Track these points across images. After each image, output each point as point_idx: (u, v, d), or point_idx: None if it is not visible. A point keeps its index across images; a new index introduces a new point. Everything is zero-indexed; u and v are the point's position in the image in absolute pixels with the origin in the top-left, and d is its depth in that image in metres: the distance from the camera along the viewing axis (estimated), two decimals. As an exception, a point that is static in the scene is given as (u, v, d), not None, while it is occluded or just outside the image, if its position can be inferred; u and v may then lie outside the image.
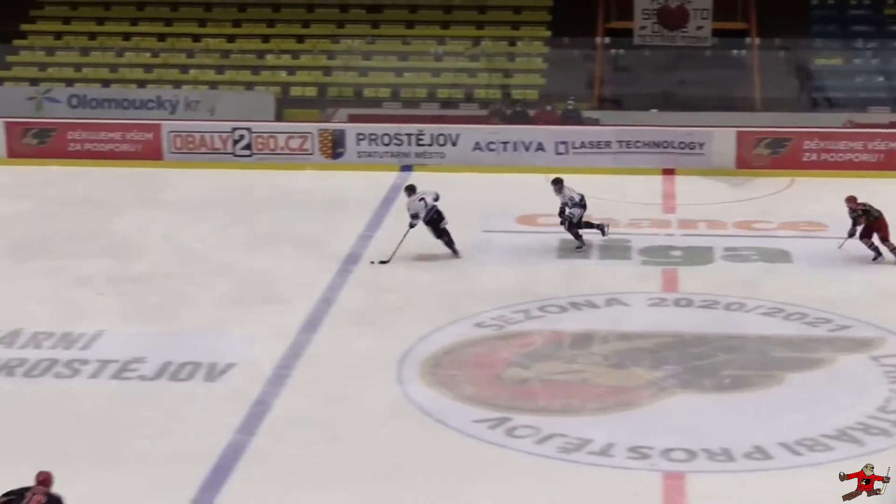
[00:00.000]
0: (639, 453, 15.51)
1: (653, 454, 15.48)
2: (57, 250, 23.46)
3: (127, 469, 15.33)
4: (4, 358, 18.63)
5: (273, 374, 18.03)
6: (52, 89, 32.35)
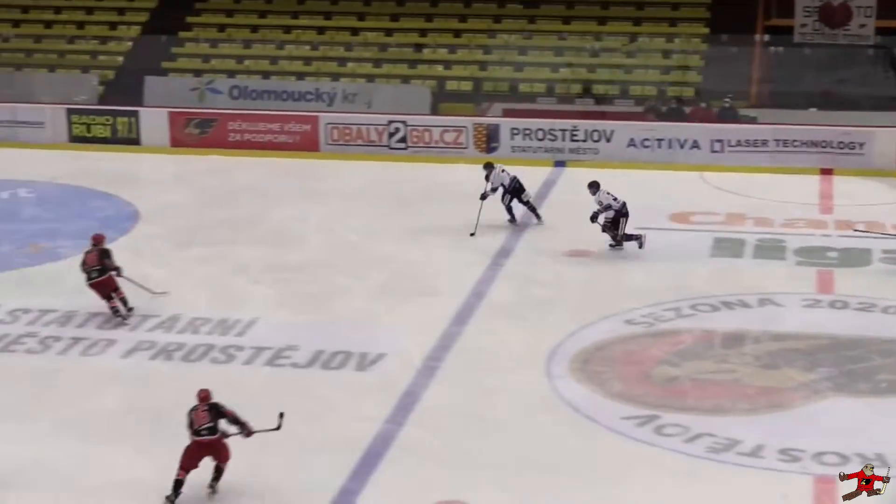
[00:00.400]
0: (789, 456, 15.23)
1: (804, 457, 15.18)
2: (216, 238, 23.89)
3: (279, 455, 15.53)
4: (163, 342, 19.04)
5: (423, 365, 18.11)
6: (215, 80, 32.94)
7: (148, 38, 34.90)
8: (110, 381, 17.82)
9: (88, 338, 19.18)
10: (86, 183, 27.59)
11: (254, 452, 15.44)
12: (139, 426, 16.42)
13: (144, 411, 16.85)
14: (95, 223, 24.75)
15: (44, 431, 16.28)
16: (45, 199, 26.46)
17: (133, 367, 18.30)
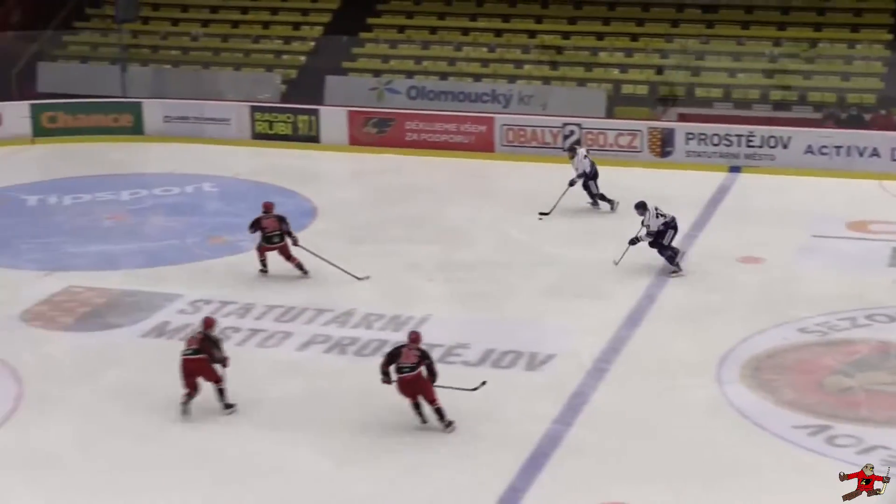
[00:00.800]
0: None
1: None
2: (390, 235, 24.14)
3: (449, 452, 15.66)
4: (337, 336, 19.32)
5: (593, 366, 18.04)
6: (393, 81, 33.28)
7: (330, 38, 35.41)
8: (285, 372, 18.15)
9: (266, 330, 19.57)
10: (267, 179, 28.13)
11: (422, 449, 15.62)
12: (312, 417, 16.69)
13: (318, 403, 17.13)
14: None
15: (221, 419, 16.66)
16: (228, 194, 27.06)
17: (308, 360, 18.61)
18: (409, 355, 16.08)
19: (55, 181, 28.19)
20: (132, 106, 32.20)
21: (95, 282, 21.65)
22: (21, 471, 15.37)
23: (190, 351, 16.78)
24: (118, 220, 24.93)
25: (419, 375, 15.99)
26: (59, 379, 18.01)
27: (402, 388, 16.08)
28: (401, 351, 16.17)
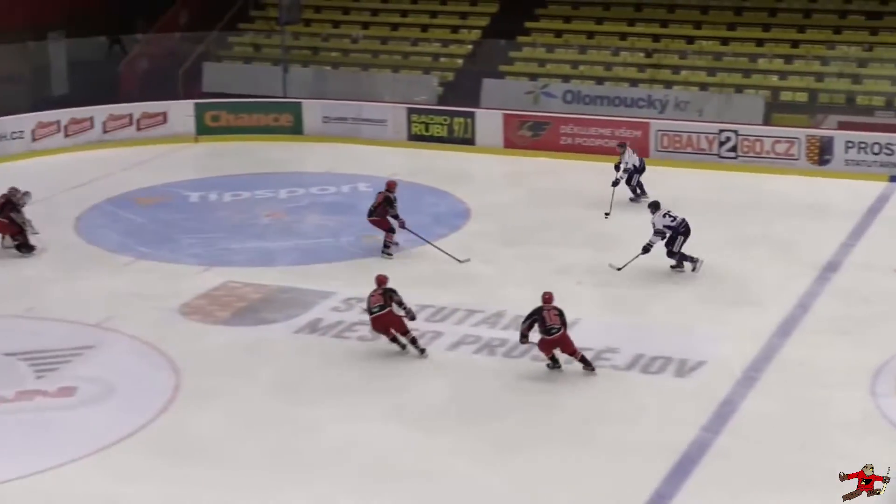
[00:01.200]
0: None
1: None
2: (542, 238, 24.09)
3: (593, 454, 15.57)
4: (487, 337, 19.34)
5: (743, 375, 17.77)
6: (549, 85, 33.21)
7: (488, 41, 35.48)
8: (435, 372, 18.22)
9: (416, 329, 19.65)
10: (421, 180, 28.30)
11: (566, 453, 15.55)
12: (459, 418, 16.74)
13: (464, 404, 17.17)
14: (428, 219, 25.41)
15: (370, 416, 16.81)
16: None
17: (457, 360, 18.65)
18: (552, 317, 17.59)
19: (216, 178, 28.75)
20: (292, 106, 32.69)
21: (252, 277, 22.01)
22: (175, 460, 15.69)
23: (376, 308, 18.38)
24: (276, 218, 25.32)
25: (565, 333, 17.64)
26: (214, 372, 18.35)
27: (550, 345, 17.70)
28: (543, 315, 17.65)
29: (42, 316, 20.45)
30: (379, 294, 18.57)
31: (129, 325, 19.94)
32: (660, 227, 21.91)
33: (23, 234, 23.28)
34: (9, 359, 18.73)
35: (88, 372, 18.32)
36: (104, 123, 31.52)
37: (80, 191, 27.33)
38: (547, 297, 17.92)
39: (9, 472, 15.28)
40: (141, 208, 26.40)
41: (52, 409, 17.23)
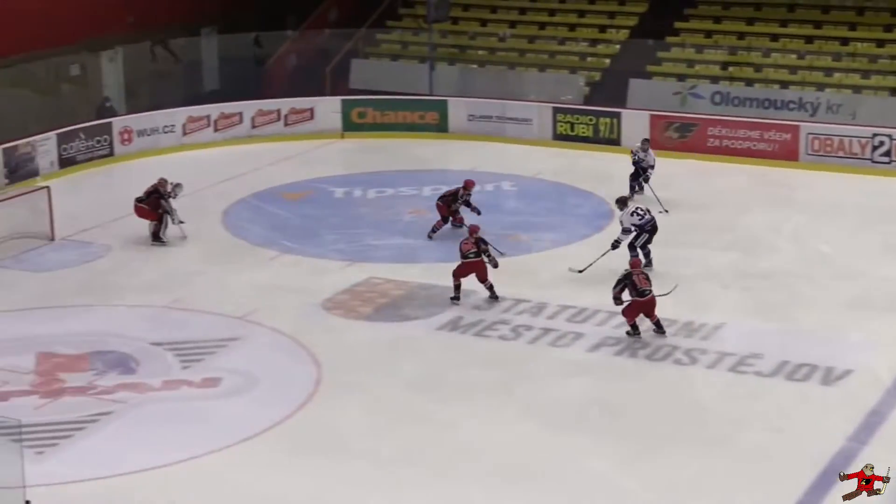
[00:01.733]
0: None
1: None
2: (687, 241, 23.81)
3: (734, 460, 15.37)
4: (629, 339, 19.20)
5: (893, 384, 17.37)
6: (697, 86, 32.82)
7: (635, 41, 35.20)
8: (576, 372, 18.15)
9: (558, 329, 19.63)
10: (566, 180, 28.20)
11: (707, 460, 15.38)
12: (597, 419, 16.66)
13: (605, 405, 17.08)
14: (572, 219, 25.35)
15: (507, 415, 16.81)
16: (526, 194, 27.24)
17: (598, 361, 18.57)
18: (643, 281, 18.87)
19: (361, 175, 29.00)
20: (438, 104, 32.83)
21: (394, 274, 22.17)
22: (314, 454, 15.87)
23: (471, 254, 20.34)
24: (419, 215, 25.44)
25: (654, 296, 18.83)
26: (354, 367, 18.52)
27: (639, 307, 18.88)
28: (633, 279, 18.88)
29: (188, 307, 20.86)
30: (472, 242, 20.50)
31: (273, 318, 20.23)
32: (627, 224, 21.98)
33: (159, 224, 23.80)
34: (156, 348, 19.14)
35: (232, 364, 18.64)
36: (252, 119, 32.02)
37: (228, 185, 27.80)
38: (634, 262, 19.48)
39: (153, 461, 15.61)
40: (286, 203, 26.75)
41: (197, 399, 17.56)
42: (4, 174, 27.38)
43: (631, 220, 21.99)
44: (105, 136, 29.90)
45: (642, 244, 22.06)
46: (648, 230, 22.09)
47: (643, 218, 22.04)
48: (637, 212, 22.11)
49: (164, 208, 23.79)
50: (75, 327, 20.03)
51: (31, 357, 18.80)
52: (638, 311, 18.96)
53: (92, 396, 17.55)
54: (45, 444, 16.07)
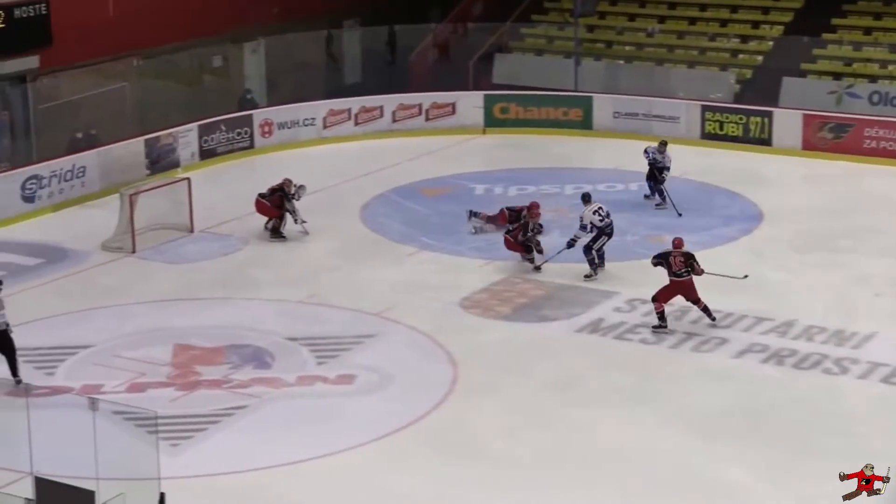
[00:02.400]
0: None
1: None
2: (838, 246, 23.46)
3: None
4: (776, 346, 18.99)
5: None
6: (854, 85, 32.25)
7: (790, 38, 34.70)
8: (718, 379, 18.00)
9: (701, 335, 19.48)
10: (713, 180, 27.94)
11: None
12: (740, 428, 16.51)
13: (747, 413, 16.92)
14: (719, 221, 25.11)
15: (646, 421, 16.75)
16: (672, 194, 27.00)
17: (742, 369, 18.38)
18: (678, 263, 19.38)
19: (502, 171, 29.07)
20: (583, 100, 32.75)
21: (534, 273, 22.18)
22: (448, 454, 15.98)
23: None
24: (560, 214, 25.42)
25: (691, 279, 19.39)
26: (491, 367, 18.60)
27: (675, 288, 19.49)
28: (670, 261, 19.47)
29: (324, 303, 21.14)
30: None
31: (409, 315, 20.41)
32: (587, 221, 21.87)
33: (279, 221, 24.14)
34: (291, 343, 19.45)
35: (367, 361, 18.85)
36: (393, 113, 32.31)
37: (367, 179, 28.08)
38: (677, 242, 19.86)
39: (286, 456, 15.88)
40: (426, 199, 26.94)
41: (331, 395, 17.81)
42: (146, 165, 28.04)
43: (592, 219, 21.94)
44: (246, 129, 30.44)
45: (598, 247, 21.99)
46: (608, 233, 22.00)
47: (603, 220, 21.97)
48: (599, 212, 22.04)
49: (286, 208, 24.13)
50: (212, 320, 20.46)
51: (168, 349, 19.25)
52: (672, 293, 19.51)
53: (227, 390, 17.91)
54: (181, 437, 16.45)
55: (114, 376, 18.26)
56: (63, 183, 26.38)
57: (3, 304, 18.04)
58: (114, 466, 13.45)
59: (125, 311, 20.93)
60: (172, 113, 30.31)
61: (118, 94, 30.12)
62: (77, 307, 21.11)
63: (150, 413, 14.21)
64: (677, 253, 19.60)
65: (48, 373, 18.50)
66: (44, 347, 19.35)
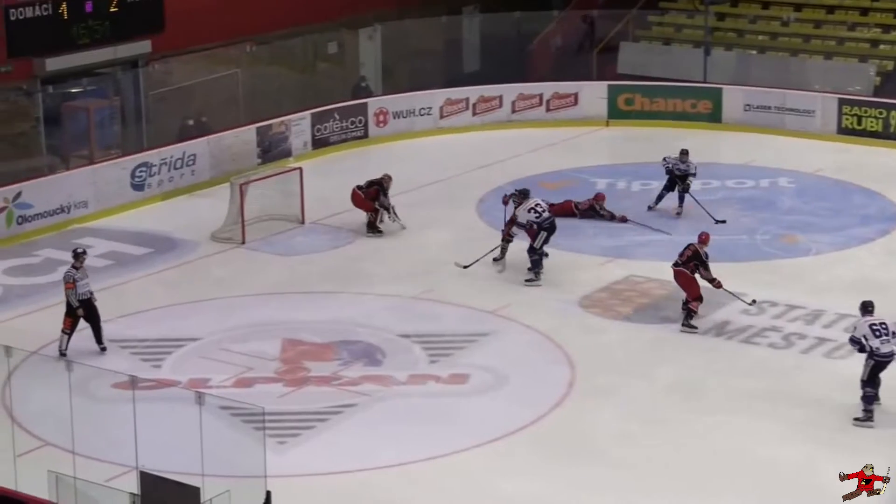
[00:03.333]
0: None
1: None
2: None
3: None
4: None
5: None
6: None
7: (932, 28, 34.16)
8: (851, 388, 17.70)
9: (834, 340, 19.25)
10: (849, 177, 27.54)
11: None
12: (875, 439, 16.25)
13: (882, 425, 16.63)
14: (855, 220, 24.77)
15: (771, 429, 16.60)
16: (805, 191, 26.71)
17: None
18: (684, 254, 19.86)
19: (626, 166, 28.93)
20: (712, 92, 32.45)
21: (657, 272, 22.04)
22: (565, 458, 15.99)
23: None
24: (684, 210, 25.22)
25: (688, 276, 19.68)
26: (611, 369, 18.57)
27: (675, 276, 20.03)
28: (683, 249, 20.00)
29: (439, 298, 21.23)
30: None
31: (527, 314, 20.43)
32: (523, 220, 21.84)
33: (375, 215, 24.29)
34: (404, 340, 19.57)
35: (482, 360, 18.91)
36: (513, 103, 32.29)
37: (485, 171, 28.12)
38: (703, 237, 20.09)
39: (396, 457, 16.00)
40: (545, 193, 26.70)
41: (444, 395, 17.90)
42: (257, 153, 28.38)
43: (528, 217, 21.81)
44: (360, 118, 30.66)
45: (540, 245, 21.82)
46: (546, 228, 21.77)
47: (541, 216, 21.79)
48: (535, 209, 21.89)
49: (381, 203, 24.24)
50: (322, 315, 20.65)
51: (277, 343, 19.48)
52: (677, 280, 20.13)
53: (336, 387, 18.07)
54: (288, 435, 16.64)
55: (221, 370, 18.53)
56: (173, 171, 26.81)
57: (86, 274, 19.00)
58: (219, 463, 13.68)
59: (233, 303, 21.22)
60: (285, 100, 30.63)
61: (230, 81, 30.50)
62: (185, 298, 21.46)
63: (258, 409, 14.37)
64: (692, 245, 19.95)
65: (154, 365, 18.83)
66: (150, 339, 19.70)
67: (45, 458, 15.32)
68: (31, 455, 15.63)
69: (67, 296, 18.86)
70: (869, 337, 16.70)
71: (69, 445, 14.76)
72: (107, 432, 15.99)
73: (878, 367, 16.75)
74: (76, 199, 25.13)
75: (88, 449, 15.19)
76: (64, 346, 18.87)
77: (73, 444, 14.69)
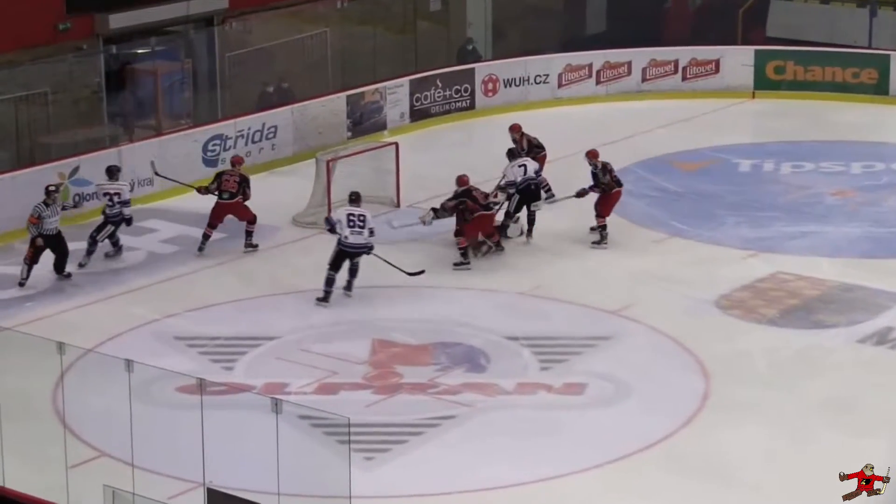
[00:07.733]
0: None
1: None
2: None
3: None
4: None
5: None
6: None
7: None
8: None
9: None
10: None
11: None
12: None
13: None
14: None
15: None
16: None
17: None
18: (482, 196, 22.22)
19: (774, 144, 28.78)
20: (878, 59, 32.09)
21: (809, 269, 21.94)
22: (694, 480, 15.95)
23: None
24: (845, 197, 25.08)
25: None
26: (752, 381, 18.49)
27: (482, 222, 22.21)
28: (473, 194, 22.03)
29: (551, 296, 21.25)
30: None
31: (654, 315, 20.41)
32: (513, 178, 23.15)
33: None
34: (510, 344, 19.62)
35: (602, 367, 18.93)
36: (644, 70, 32.18)
37: (609, 148, 27.90)
38: (464, 179, 22.19)
39: (501, 477, 16.04)
40: (679, 175, 26.84)
41: (557, 407, 17.95)
42: (347, 126, 28.52)
43: (516, 172, 23.17)
44: (466, 86, 30.72)
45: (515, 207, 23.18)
46: (521, 190, 23.07)
47: (526, 175, 23.21)
48: (524, 166, 23.39)
49: None
50: (417, 312, 20.77)
51: (366, 344, 19.64)
52: (481, 226, 22.11)
53: (433, 396, 18.17)
54: (376, 449, 16.77)
55: (301, 374, 18.72)
56: (251, 145, 27.05)
57: (57, 212, 21.76)
58: (298, 480, 13.80)
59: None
60: (380, 65, 30.77)
61: (317, 42, 30.73)
62: (261, 291, 21.70)
63: (342, 419, 14.48)
64: (475, 187, 22.22)
65: (226, 367, 19.06)
66: (222, 337, 19.95)
67: (100, 471, 15.58)
68: (85, 466, 15.90)
69: (28, 228, 21.51)
70: (343, 224, 20.89)
71: (127, 457, 14.94)
72: (170, 443, 16.19)
73: (342, 254, 20.94)
74: (140, 176, 25.40)
75: (149, 461, 15.38)
76: (24, 275, 21.49)
77: (132, 456, 14.89)
